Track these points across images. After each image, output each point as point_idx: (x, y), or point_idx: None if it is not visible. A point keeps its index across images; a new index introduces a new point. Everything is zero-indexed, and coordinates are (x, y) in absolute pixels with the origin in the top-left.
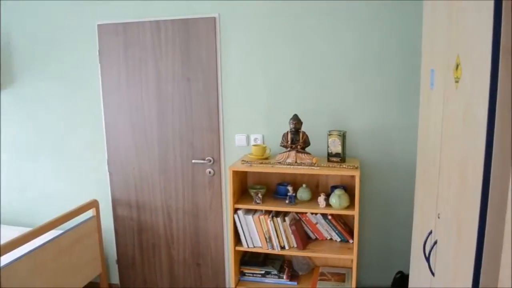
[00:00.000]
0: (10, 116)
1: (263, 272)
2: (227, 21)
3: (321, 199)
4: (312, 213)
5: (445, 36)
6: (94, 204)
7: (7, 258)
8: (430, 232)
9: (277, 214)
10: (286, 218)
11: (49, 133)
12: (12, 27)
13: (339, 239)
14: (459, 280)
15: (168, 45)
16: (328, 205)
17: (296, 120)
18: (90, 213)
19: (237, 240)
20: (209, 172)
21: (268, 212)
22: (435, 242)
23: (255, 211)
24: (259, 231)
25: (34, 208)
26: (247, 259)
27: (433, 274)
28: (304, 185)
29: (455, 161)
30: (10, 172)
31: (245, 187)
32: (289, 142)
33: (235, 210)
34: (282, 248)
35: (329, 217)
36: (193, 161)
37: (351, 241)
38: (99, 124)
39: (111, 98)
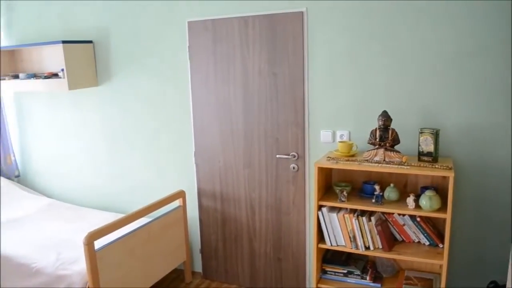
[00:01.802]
0: (108, 109)
1: (345, 271)
2: (314, 15)
3: (410, 199)
4: (399, 214)
5: None
6: (181, 194)
7: (103, 241)
8: None
9: (363, 213)
10: (372, 218)
11: (142, 126)
12: (109, 27)
13: (427, 243)
14: None
15: (255, 40)
16: (417, 206)
17: (386, 117)
18: (177, 203)
19: (320, 237)
20: (293, 168)
21: (353, 211)
22: None
23: (339, 209)
24: (343, 229)
25: (126, 195)
26: (329, 257)
27: None
28: (391, 185)
29: None
30: (107, 160)
31: (329, 184)
32: (377, 140)
33: (319, 207)
34: (367, 248)
35: (418, 219)
36: (277, 156)
37: (441, 245)
38: (187, 117)
39: (199, 92)
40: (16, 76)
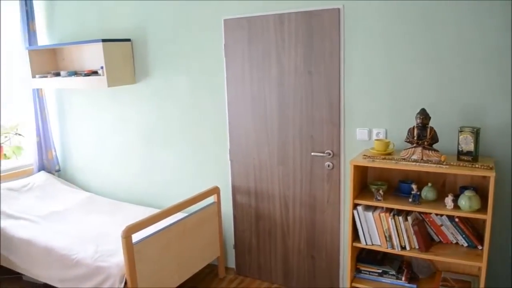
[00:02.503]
0: (145, 106)
1: (380, 271)
2: (351, 12)
3: (448, 199)
4: (437, 214)
5: None
6: (215, 190)
7: (140, 235)
8: None
9: (399, 212)
10: (409, 218)
11: (178, 123)
12: (147, 25)
13: (466, 244)
14: None
15: (291, 38)
16: (456, 206)
17: (424, 115)
18: (211, 199)
19: (355, 236)
20: (328, 166)
21: (389, 210)
22: None
23: (375, 208)
24: (378, 228)
25: (161, 191)
26: (364, 256)
27: None
28: (429, 184)
29: None
30: (143, 156)
31: (365, 183)
32: (415, 138)
33: (355, 206)
34: (403, 248)
35: (456, 219)
36: (312, 153)
37: (480, 247)
38: (222, 114)
39: (235, 90)
40: (57, 74)
